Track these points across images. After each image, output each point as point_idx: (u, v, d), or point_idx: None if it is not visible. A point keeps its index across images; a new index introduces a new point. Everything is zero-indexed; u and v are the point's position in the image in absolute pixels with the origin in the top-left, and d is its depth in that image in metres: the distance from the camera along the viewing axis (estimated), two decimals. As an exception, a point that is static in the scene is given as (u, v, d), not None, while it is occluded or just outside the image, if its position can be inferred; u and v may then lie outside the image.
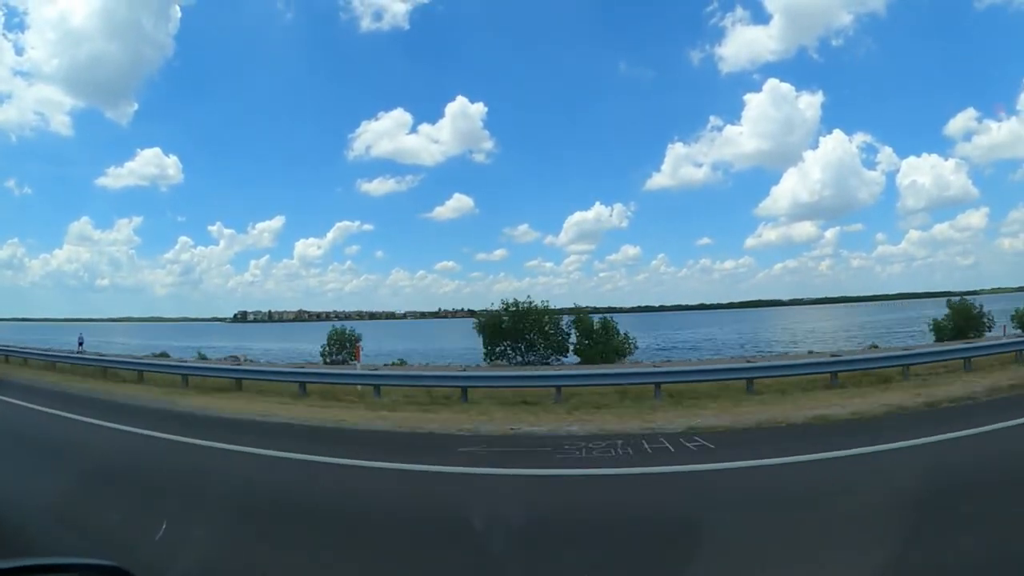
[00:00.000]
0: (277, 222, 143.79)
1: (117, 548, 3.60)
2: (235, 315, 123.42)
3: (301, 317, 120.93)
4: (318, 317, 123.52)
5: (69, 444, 7.51)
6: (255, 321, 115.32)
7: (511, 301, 21.65)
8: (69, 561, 0.93)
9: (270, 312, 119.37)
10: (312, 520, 4.27)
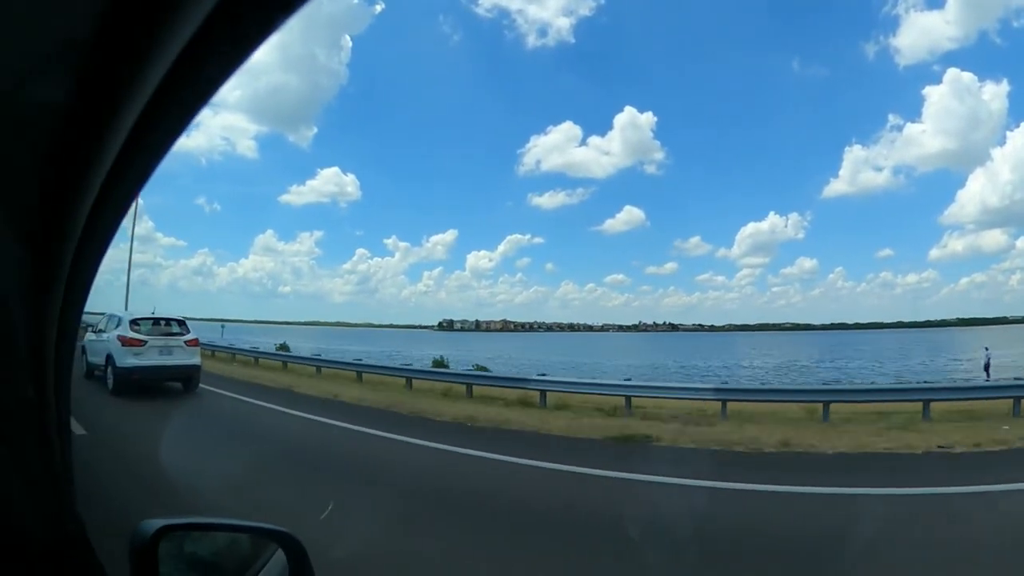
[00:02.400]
0: (450, 235, 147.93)
1: None
2: (440, 323, 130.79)
3: (507, 327, 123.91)
4: (522, 327, 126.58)
5: (420, 473, 6.51)
6: (462, 330, 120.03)
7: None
8: (243, 523, 0.98)
9: (477, 321, 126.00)
10: None
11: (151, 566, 0.80)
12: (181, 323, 12.74)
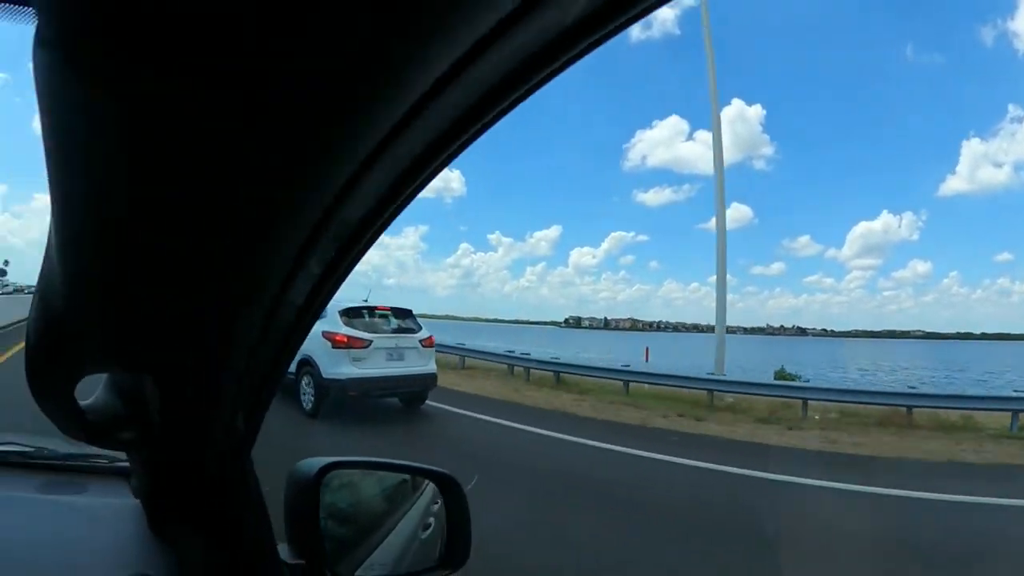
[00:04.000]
0: (554, 231, 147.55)
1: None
2: (566, 320, 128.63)
3: (635, 326, 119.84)
4: (650, 327, 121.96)
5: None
6: (590, 327, 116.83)
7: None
8: (403, 463, 1.01)
9: (606, 319, 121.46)
10: None
11: (314, 503, 0.82)
12: (409, 314, 8.02)
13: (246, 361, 0.57)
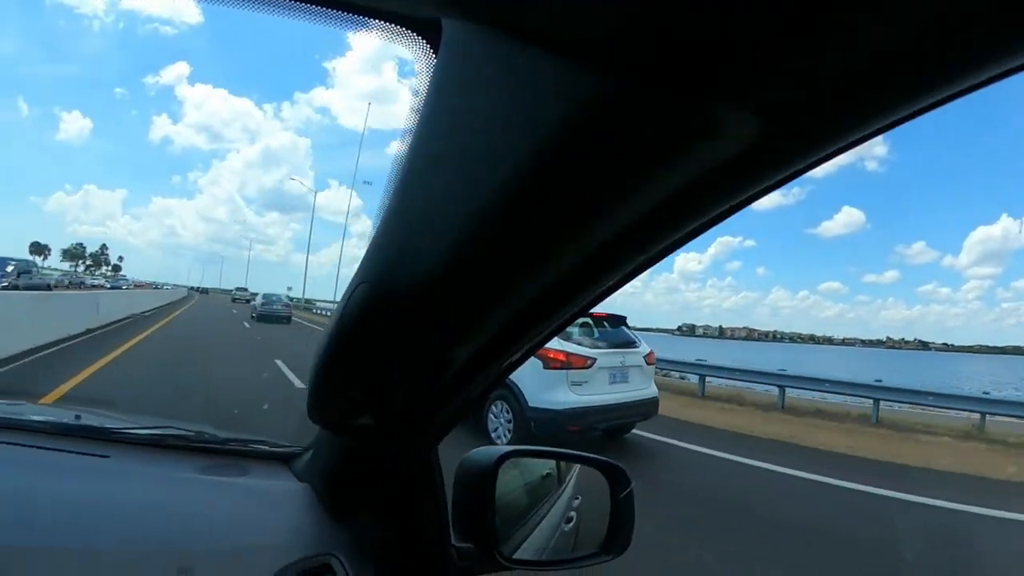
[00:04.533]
0: None
1: None
2: (680, 327, 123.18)
3: (751, 336, 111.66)
4: (764, 336, 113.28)
5: None
6: (704, 336, 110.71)
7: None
8: (576, 453, 1.02)
9: (721, 328, 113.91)
10: None
11: (490, 489, 0.84)
12: (624, 321, 6.22)
13: (462, 368, 0.58)
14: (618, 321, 6.00)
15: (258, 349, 12.19)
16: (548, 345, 5.01)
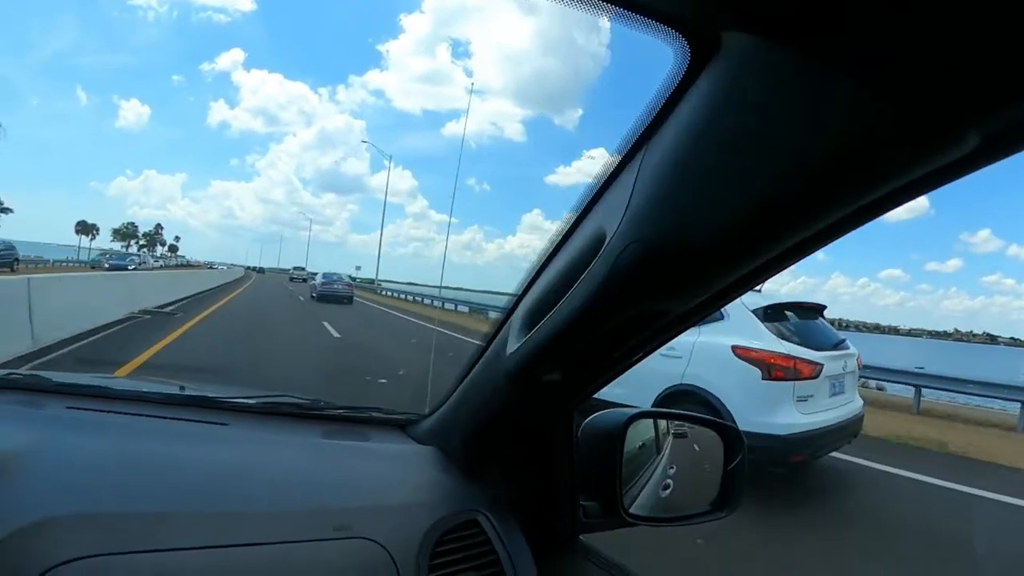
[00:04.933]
0: None
1: None
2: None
3: None
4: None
5: None
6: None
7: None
8: (696, 415, 1.03)
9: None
10: None
11: (618, 449, 0.85)
12: (821, 311, 4.89)
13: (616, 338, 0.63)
14: (816, 312, 4.71)
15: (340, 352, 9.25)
16: (765, 347, 3.53)
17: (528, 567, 0.82)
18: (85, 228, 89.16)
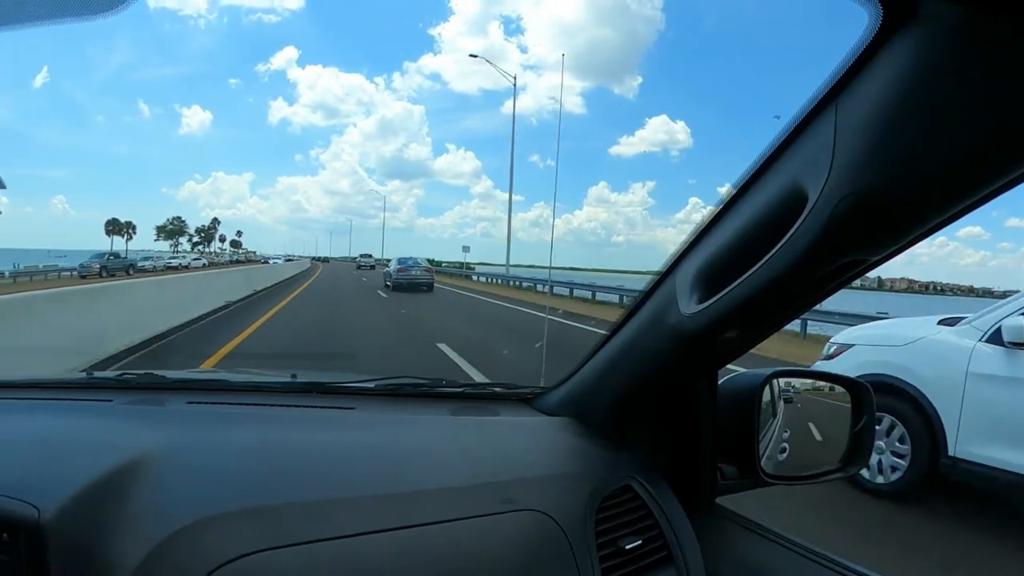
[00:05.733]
0: None
1: None
2: None
3: (911, 288, 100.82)
4: (925, 289, 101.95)
5: None
6: (861, 288, 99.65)
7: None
8: (826, 372, 1.01)
9: (879, 279, 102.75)
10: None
11: (755, 409, 0.84)
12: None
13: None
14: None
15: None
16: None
17: (686, 530, 0.81)
18: (117, 227, 73.87)
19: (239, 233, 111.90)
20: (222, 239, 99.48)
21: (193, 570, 0.61)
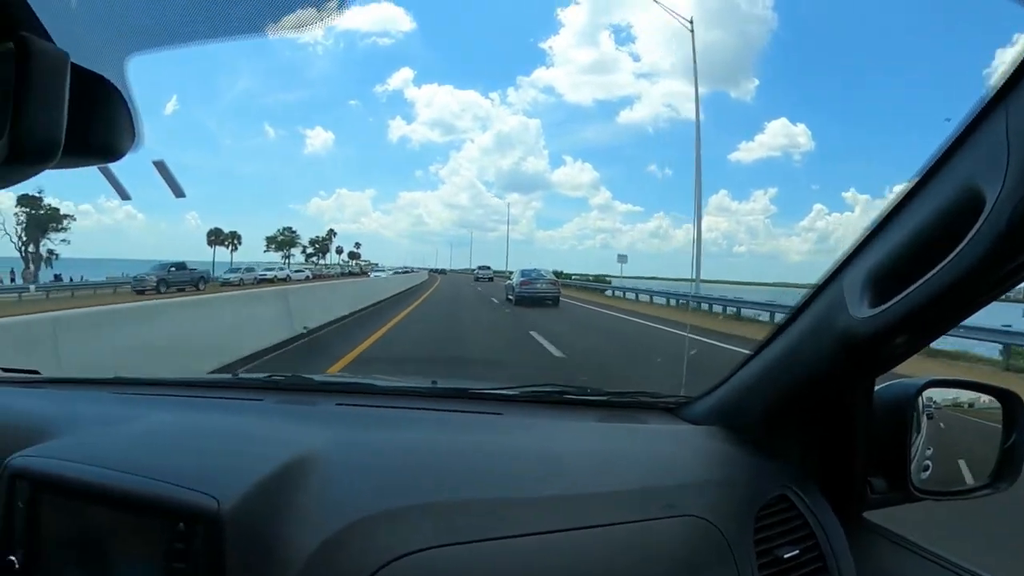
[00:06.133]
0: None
1: None
2: None
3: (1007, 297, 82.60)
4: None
5: None
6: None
7: None
8: (986, 384, 0.94)
9: None
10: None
11: (908, 421, 0.82)
12: None
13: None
14: None
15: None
16: None
17: (841, 543, 0.80)
18: (220, 237, 64.04)
19: (357, 245, 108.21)
20: (339, 250, 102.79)
21: (366, 563, 0.62)
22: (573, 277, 32.36)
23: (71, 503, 0.73)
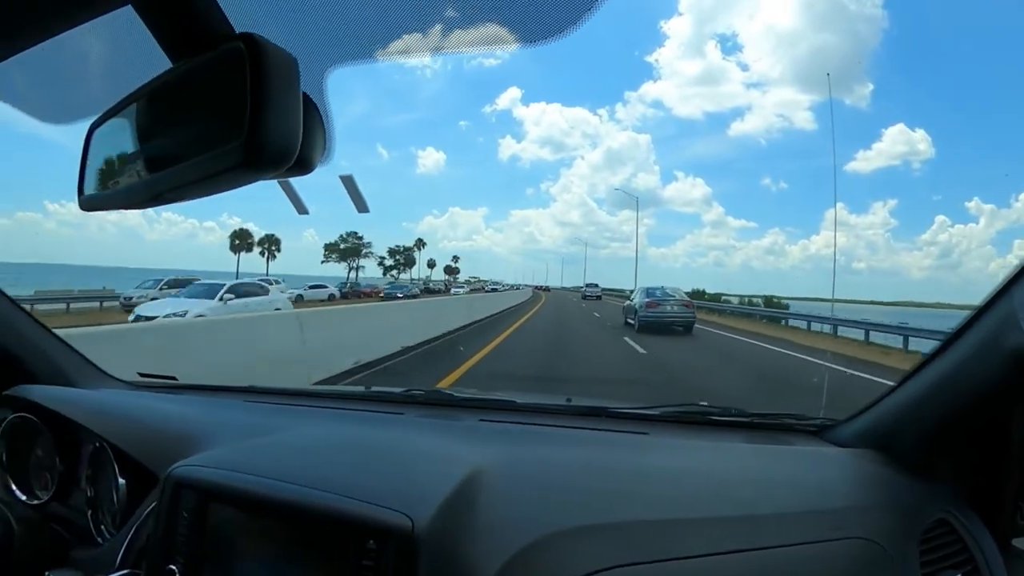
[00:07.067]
0: None
1: None
2: None
3: None
4: None
5: None
6: None
7: None
8: None
9: None
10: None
11: None
12: None
13: None
14: None
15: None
16: None
17: (1000, 569, 0.78)
18: (243, 241, 56.36)
19: (455, 259, 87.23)
20: (431, 264, 78.16)
21: None
22: (722, 299, 25.45)
23: (240, 514, 0.72)
